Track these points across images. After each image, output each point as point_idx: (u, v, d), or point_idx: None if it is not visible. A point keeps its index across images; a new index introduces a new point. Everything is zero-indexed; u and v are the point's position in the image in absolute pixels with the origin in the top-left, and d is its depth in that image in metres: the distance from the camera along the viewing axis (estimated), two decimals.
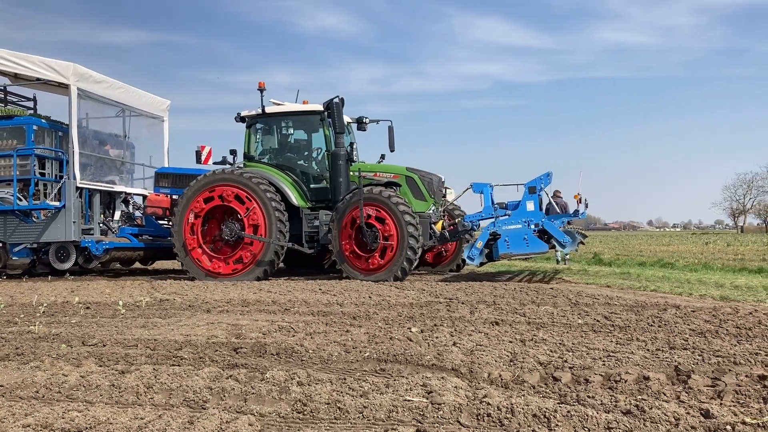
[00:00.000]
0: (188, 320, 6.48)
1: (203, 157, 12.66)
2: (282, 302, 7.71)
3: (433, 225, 11.53)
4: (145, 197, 14.83)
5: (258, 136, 12.50)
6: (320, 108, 11.84)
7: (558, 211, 13.98)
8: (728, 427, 2.90)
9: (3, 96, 14.26)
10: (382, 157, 13.08)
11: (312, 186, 12.08)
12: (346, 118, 12.51)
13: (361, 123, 13.17)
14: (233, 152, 12.58)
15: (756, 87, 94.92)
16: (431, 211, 11.63)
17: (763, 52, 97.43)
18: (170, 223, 12.38)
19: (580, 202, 11.05)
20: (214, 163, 12.59)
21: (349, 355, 4.64)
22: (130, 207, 14.87)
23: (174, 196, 12.78)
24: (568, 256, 15.05)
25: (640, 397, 3.50)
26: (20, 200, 12.30)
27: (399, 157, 16.59)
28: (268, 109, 12.21)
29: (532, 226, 10.60)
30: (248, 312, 7.03)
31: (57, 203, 12.33)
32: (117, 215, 14.29)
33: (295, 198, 11.71)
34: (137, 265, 15.99)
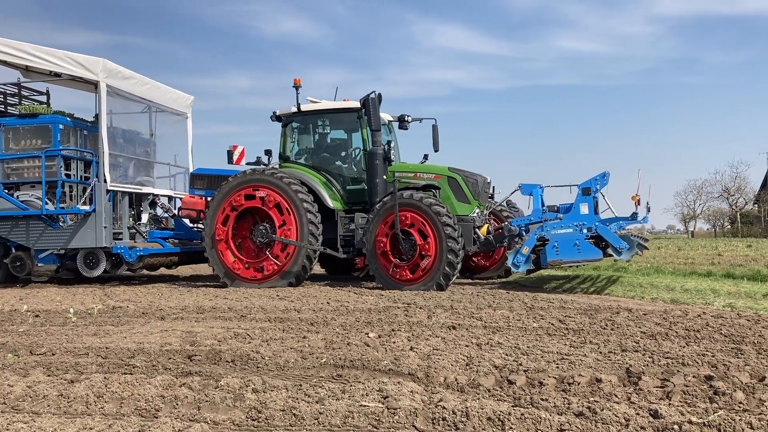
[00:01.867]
0: (141, 328, 6.35)
1: (235, 157, 12.15)
2: (238, 309, 7.62)
3: (476, 229, 10.71)
4: (170, 198, 14.26)
5: (294, 136, 11.92)
6: (357, 105, 11.16)
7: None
8: (675, 427, 2.97)
9: (17, 91, 13.44)
10: (425, 157, 12.41)
11: (348, 187, 11.47)
12: (387, 116, 12.07)
13: (402, 121, 12.49)
14: (268, 152, 12.04)
15: (707, 95, 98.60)
16: (475, 214, 10.84)
17: (713, 61, 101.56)
18: (202, 226, 11.80)
19: (639, 204, 9.99)
20: (248, 164, 12.03)
21: (305, 361, 4.61)
22: (158, 209, 14.11)
23: (209, 198, 12.01)
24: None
25: (592, 398, 3.56)
26: (47, 204, 11.57)
27: (444, 158, 15.79)
28: (304, 107, 11.57)
29: (585, 231, 9.62)
30: (203, 319, 6.93)
31: (87, 207, 11.62)
32: (144, 218, 13.53)
33: (330, 200, 11.07)
34: (161, 270, 15.01)
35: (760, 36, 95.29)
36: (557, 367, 4.24)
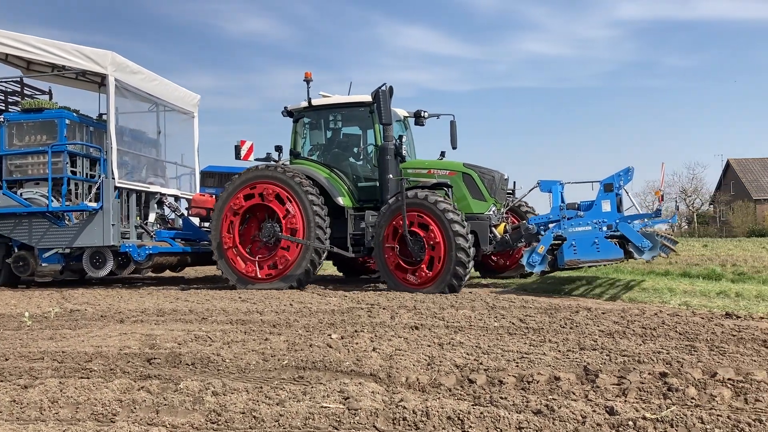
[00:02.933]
0: (100, 331, 6.24)
1: (243, 153, 11.79)
2: (199, 311, 7.54)
3: (493, 228, 10.29)
4: (177, 198, 13.90)
5: (305, 131, 11.55)
6: (369, 99, 10.71)
7: None
8: (630, 423, 3.03)
9: (20, 89, 13.08)
10: (442, 154, 12.06)
11: (360, 185, 11.07)
12: (402, 112, 11.79)
13: (419, 117, 12.04)
14: (278, 148, 11.67)
15: (665, 98, 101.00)
16: (491, 212, 10.42)
17: (672, 65, 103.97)
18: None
19: (662, 200, 9.50)
20: (256, 160, 11.66)
21: (267, 363, 4.59)
22: (165, 208, 13.77)
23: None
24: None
25: (550, 396, 3.61)
26: (52, 201, 11.16)
27: (461, 155, 15.38)
28: (315, 102, 11.23)
29: (605, 228, 9.08)
30: (164, 321, 6.83)
31: (94, 204, 11.25)
32: (152, 217, 13.17)
33: (339, 197, 10.69)
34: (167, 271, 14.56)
35: (716, 40, 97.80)
36: (517, 366, 4.30)
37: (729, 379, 3.85)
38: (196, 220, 12.91)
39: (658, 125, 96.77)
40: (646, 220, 9.50)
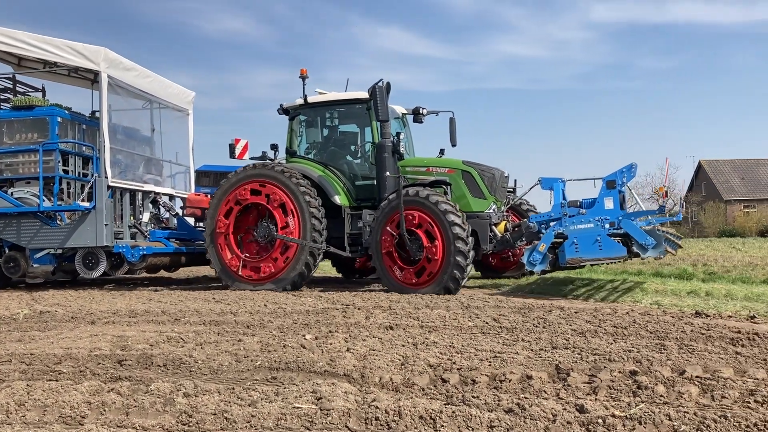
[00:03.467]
0: (70, 333, 6.15)
1: (238, 152, 11.54)
2: (172, 312, 7.47)
3: (493, 227, 10.02)
4: (171, 197, 13.62)
5: (301, 129, 11.30)
6: (366, 96, 10.42)
7: None
8: (600, 421, 3.07)
9: (12, 86, 12.74)
10: (441, 152, 11.78)
11: (358, 183, 10.81)
12: (400, 109, 11.61)
13: (417, 114, 11.74)
14: (274, 147, 11.39)
15: (639, 99, 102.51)
16: (491, 211, 10.15)
17: (646, 67, 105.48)
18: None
19: (666, 196, 9.30)
20: (251, 158, 11.45)
21: (240, 364, 4.56)
22: (159, 208, 13.45)
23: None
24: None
25: (522, 395, 3.64)
26: (44, 201, 10.89)
27: (461, 153, 15.02)
28: (311, 99, 10.97)
29: (607, 226, 8.85)
30: (136, 323, 6.76)
31: (87, 204, 10.98)
32: (146, 217, 12.86)
33: (336, 196, 10.41)
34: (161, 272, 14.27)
35: (688, 43, 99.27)
36: (490, 365, 4.32)
37: (697, 376, 3.91)
38: (191, 220, 12.69)
39: (631, 127, 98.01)
40: (649, 217, 9.22)
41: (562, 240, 9.00)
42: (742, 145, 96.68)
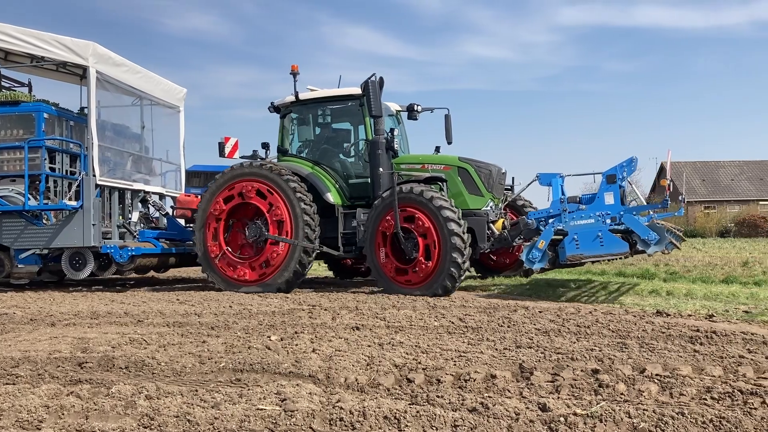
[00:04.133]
0: (29, 335, 6.01)
1: (227, 151, 11.13)
2: (135, 313, 7.35)
3: (491, 224, 9.77)
4: (162, 196, 13.17)
5: (292, 127, 10.99)
6: (359, 92, 10.08)
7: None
8: (561, 419, 3.11)
9: None
10: (437, 149, 11.51)
11: (351, 181, 10.52)
12: (395, 106, 11.36)
13: (412, 111, 11.46)
14: (265, 145, 10.98)
15: (605, 102, 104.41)
16: (489, 208, 9.91)
17: (611, 70, 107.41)
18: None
19: (669, 190, 8.96)
20: (242, 157, 11.06)
21: (203, 366, 4.51)
22: (149, 207, 12.98)
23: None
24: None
25: (486, 394, 3.67)
26: (29, 199, 10.45)
27: (457, 150, 14.23)
28: (302, 96, 10.68)
29: (608, 221, 8.61)
30: (97, 324, 6.63)
31: (74, 203, 10.53)
32: (135, 217, 12.41)
33: (329, 194, 10.10)
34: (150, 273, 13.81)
35: (653, 47, 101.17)
36: (455, 365, 4.35)
37: (657, 374, 3.99)
38: (181, 221, 12.36)
39: (596, 129, 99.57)
40: (651, 212, 9.04)
41: (561, 237, 8.79)
42: (703, 147, 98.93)
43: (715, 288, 9.39)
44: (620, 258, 9.38)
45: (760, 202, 51.12)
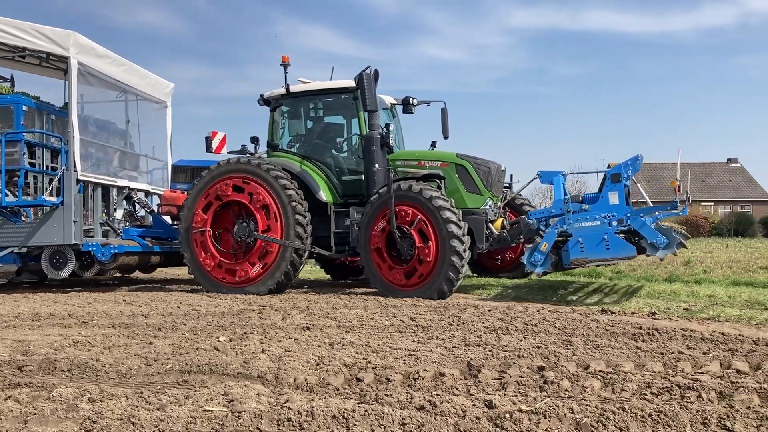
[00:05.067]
0: None
1: (215, 146, 10.73)
2: (79, 315, 7.16)
3: (490, 224, 9.43)
4: (147, 193, 12.65)
5: (283, 121, 10.53)
6: (352, 84, 9.70)
7: None
8: (507, 415, 3.16)
9: None
10: (433, 144, 11.09)
11: (344, 178, 10.08)
12: (390, 99, 10.99)
13: (407, 104, 11.04)
14: (254, 140, 10.60)
15: (555, 104, 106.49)
16: (488, 207, 9.53)
17: (561, 73, 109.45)
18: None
19: (680, 190, 8.68)
20: (230, 152, 10.63)
21: (150, 367, 4.43)
22: (134, 204, 12.48)
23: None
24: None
25: (434, 392, 3.70)
26: (7, 195, 9.94)
27: (454, 146, 13.77)
28: (293, 88, 10.22)
29: (615, 223, 8.18)
30: (39, 326, 6.44)
31: (54, 199, 10.05)
32: (119, 214, 11.93)
33: (321, 192, 9.72)
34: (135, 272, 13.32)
35: (601, 50, 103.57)
36: (404, 363, 4.38)
37: (600, 371, 4.09)
38: (167, 218, 11.89)
39: (546, 131, 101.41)
40: (657, 213, 8.56)
41: (565, 239, 8.42)
42: (649, 150, 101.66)
43: (658, 286, 9.67)
44: (626, 261, 9.03)
45: (702, 203, 52.93)
